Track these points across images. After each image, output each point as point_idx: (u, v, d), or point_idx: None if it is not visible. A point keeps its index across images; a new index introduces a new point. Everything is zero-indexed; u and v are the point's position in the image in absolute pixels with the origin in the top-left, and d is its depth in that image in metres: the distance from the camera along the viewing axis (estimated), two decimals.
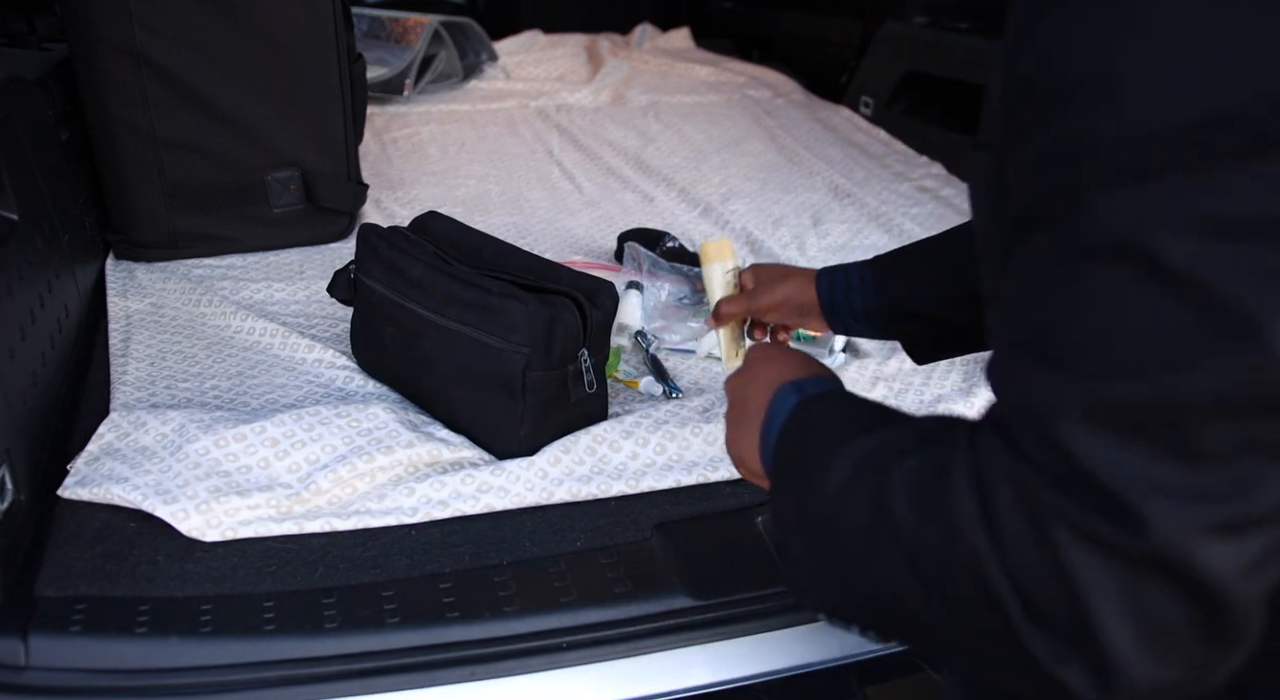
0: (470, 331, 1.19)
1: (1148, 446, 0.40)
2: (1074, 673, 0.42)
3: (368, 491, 1.14)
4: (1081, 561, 0.40)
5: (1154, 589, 0.40)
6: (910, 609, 0.48)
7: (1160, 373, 0.39)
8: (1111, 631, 0.40)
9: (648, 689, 0.97)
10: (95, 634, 0.93)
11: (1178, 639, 0.41)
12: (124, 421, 1.21)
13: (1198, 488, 0.39)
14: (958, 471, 0.46)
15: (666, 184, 2.24)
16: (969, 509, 0.44)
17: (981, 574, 0.43)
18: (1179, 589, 0.40)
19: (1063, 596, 0.41)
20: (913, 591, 0.47)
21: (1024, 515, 0.42)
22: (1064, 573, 0.41)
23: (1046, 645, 0.42)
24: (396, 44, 2.72)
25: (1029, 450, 0.43)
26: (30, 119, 1.46)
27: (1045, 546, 0.41)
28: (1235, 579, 0.40)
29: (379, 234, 1.34)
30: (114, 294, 1.61)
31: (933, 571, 0.46)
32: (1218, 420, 0.39)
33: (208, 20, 1.66)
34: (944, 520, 0.45)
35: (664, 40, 3.51)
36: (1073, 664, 0.42)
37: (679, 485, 1.19)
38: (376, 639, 0.96)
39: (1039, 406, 0.43)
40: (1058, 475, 0.42)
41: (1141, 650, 0.40)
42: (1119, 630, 0.40)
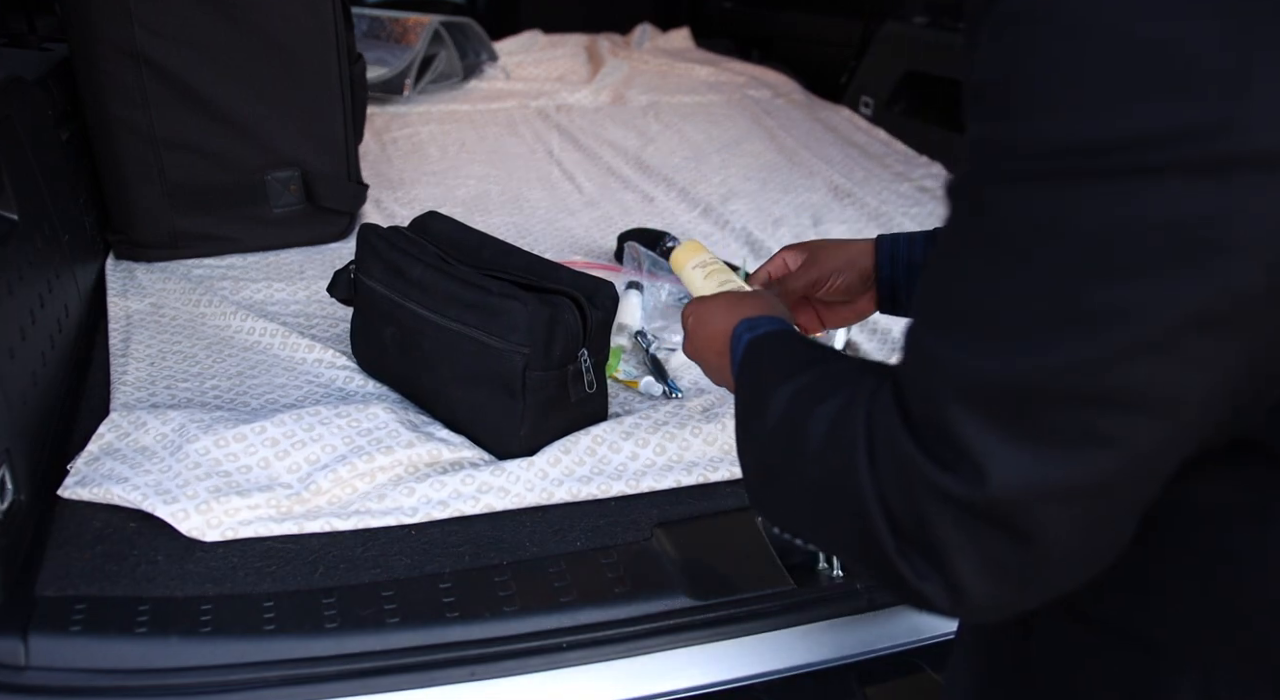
0: (470, 331, 1.19)
1: (993, 418, 0.47)
2: (931, 589, 0.51)
3: (368, 491, 1.14)
4: (935, 509, 0.49)
5: (991, 535, 0.48)
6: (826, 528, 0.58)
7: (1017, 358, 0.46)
8: (957, 563, 0.49)
9: (648, 689, 0.97)
10: (95, 634, 0.93)
11: (1009, 573, 0.49)
12: (124, 421, 1.21)
13: (1034, 460, 0.46)
14: (857, 413, 0.54)
15: (666, 184, 2.24)
16: (860, 453, 0.53)
17: (866, 508, 0.52)
18: (1010, 538, 0.48)
19: (920, 529, 0.50)
20: (824, 515, 0.57)
21: (895, 458, 0.50)
22: (922, 515, 0.49)
23: (911, 568, 0.51)
24: (396, 44, 2.72)
25: (910, 404, 0.51)
26: (30, 119, 1.46)
27: (910, 493, 0.50)
28: (1057, 534, 0.47)
29: (379, 234, 1.34)
30: (114, 294, 1.61)
31: (836, 501, 0.55)
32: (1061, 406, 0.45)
33: (208, 20, 1.66)
34: (843, 460, 0.54)
35: (664, 40, 3.51)
36: (930, 582, 0.50)
37: (679, 485, 1.19)
38: (376, 639, 0.96)
39: (922, 369, 0.51)
40: (924, 429, 0.49)
41: (980, 578, 0.49)
42: (963, 563, 0.49)
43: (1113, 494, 0.48)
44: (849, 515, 0.53)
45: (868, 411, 0.53)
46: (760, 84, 3.11)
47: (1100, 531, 0.49)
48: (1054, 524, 0.47)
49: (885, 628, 1.04)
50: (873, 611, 1.04)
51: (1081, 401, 0.45)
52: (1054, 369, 0.45)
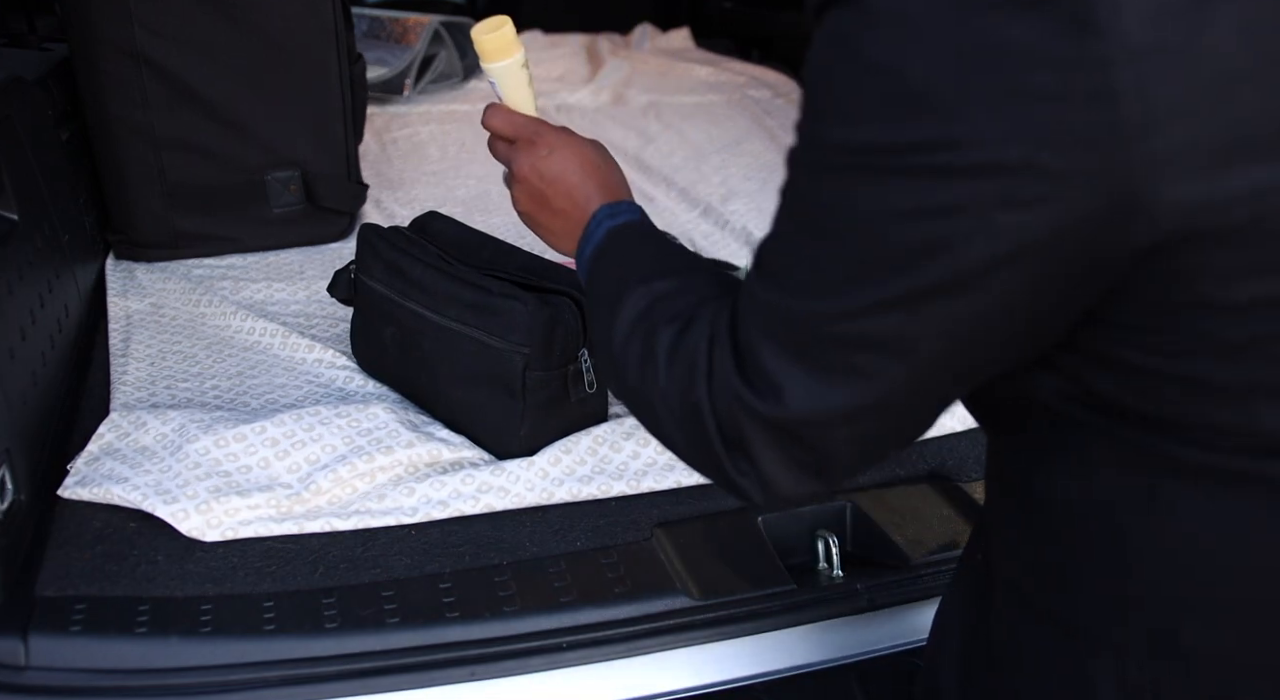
0: (470, 331, 1.19)
1: (786, 351, 0.58)
2: (748, 482, 0.63)
3: (368, 491, 1.14)
4: (745, 419, 0.60)
5: (787, 442, 0.60)
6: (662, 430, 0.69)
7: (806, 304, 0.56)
8: (765, 463, 0.61)
9: (648, 689, 0.97)
10: (95, 634, 0.93)
11: (805, 469, 0.61)
12: (124, 421, 1.21)
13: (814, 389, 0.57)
14: (700, 335, 0.64)
15: (666, 184, 2.24)
16: (700, 364, 0.63)
17: (700, 414, 0.63)
18: (803, 445, 0.60)
19: (739, 437, 0.61)
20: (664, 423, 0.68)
21: (723, 384, 0.61)
22: (738, 423, 0.61)
23: (733, 465, 0.63)
24: (396, 44, 2.72)
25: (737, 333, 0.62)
26: (30, 119, 1.46)
27: (731, 408, 0.61)
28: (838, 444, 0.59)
29: (379, 234, 1.34)
30: (114, 294, 1.61)
31: (675, 412, 0.65)
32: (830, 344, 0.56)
33: (208, 20, 1.66)
34: (683, 369, 0.64)
35: (664, 40, 3.50)
36: (747, 477, 0.62)
37: (680, 486, 1.19)
38: (376, 639, 0.96)
39: (746, 306, 0.61)
40: (742, 356, 0.61)
41: (783, 473, 0.61)
42: (770, 463, 0.61)
43: (879, 416, 0.58)
44: (688, 420, 0.64)
45: (710, 337, 0.64)
46: (760, 84, 3.11)
47: (875, 443, 0.61)
48: (834, 437, 0.59)
49: (885, 628, 1.04)
50: (873, 611, 1.04)
51: (848, 343, 0.55)
52: (829, 316, 0.55)
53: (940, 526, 1.13)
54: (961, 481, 1.21)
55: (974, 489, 1.19)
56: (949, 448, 1.26)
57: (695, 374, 0.63)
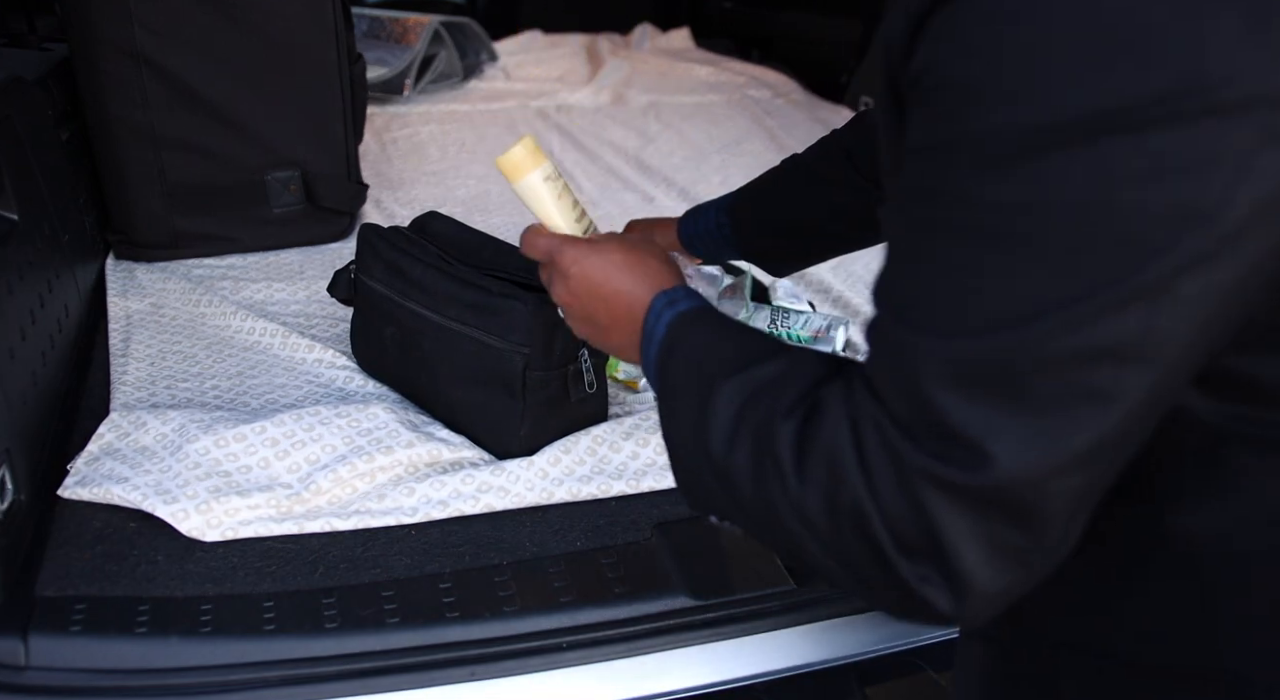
0: (470, 331, 1.19)
1: (988, 399, 0.47)
2: (934, 591, 0.50)
3: (368, 491, 1.14)
4: (935, 501, 0.48)
5: (994, 520, 0.48)
6: (799, 546, 0.56)
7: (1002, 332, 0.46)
8: (963, 555, 0.49)
9: (648, 689, 0.97)
10: (95, 634, 0.93)
11: (1013, 556, 0.49)
12: (124, 421, 1.21)
13: (1036, 432, 0.46)
14: (836, 421, 0.53)
15: (666, 184, 2.24)
16: (848, 455, 0.51)
17: (861, 513, 0.50)
18: (1014, 519, 0.48)
19: (923, 530, 0.49)
20: (801, 536, 0.55)
21: (889, 461, 0.49)
22: (923, 510, 0.48)
23: (913, 570, 0.50)
24: (396, 44, 2.72)
25: (892, 403, 0.50)
26: (30, 119, 1.46)
27: (907, 489, 0.49)
28: (1059, 507, 0.48)
29: (379, 234, 1.34)
30: (114, 294, 1.61)
31: (819, 521, 0.53)
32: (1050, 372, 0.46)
33: (208, 20, 1.66)
34: (826, 467, 0.52)
35: (664, 40, 3.50)
36: (932, 584, 0.50)
37: None
38: (376, 639, 0.96)
39: (900, 365, 0.50)
40: (914, 425, 0.49)
41: (985, 568, 0.49)
42: (969, 554, 0.49)
43: (1110, 455, 0.48)
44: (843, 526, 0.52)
45: (850, 420, 0.52)
46: (760, 84, 3.11)
47: (1092, 497, 0.50)
48: (1058, 496, 0.48)
49: (885, 628, 1.04)
50: (873, 611, 1.04)
51: (1074, 362, 0.45)
52: (1040, 337, 0.45)
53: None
54: None
55: None
56: None
57: (844, 469, 0.51)
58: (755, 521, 0.59)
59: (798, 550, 0.56)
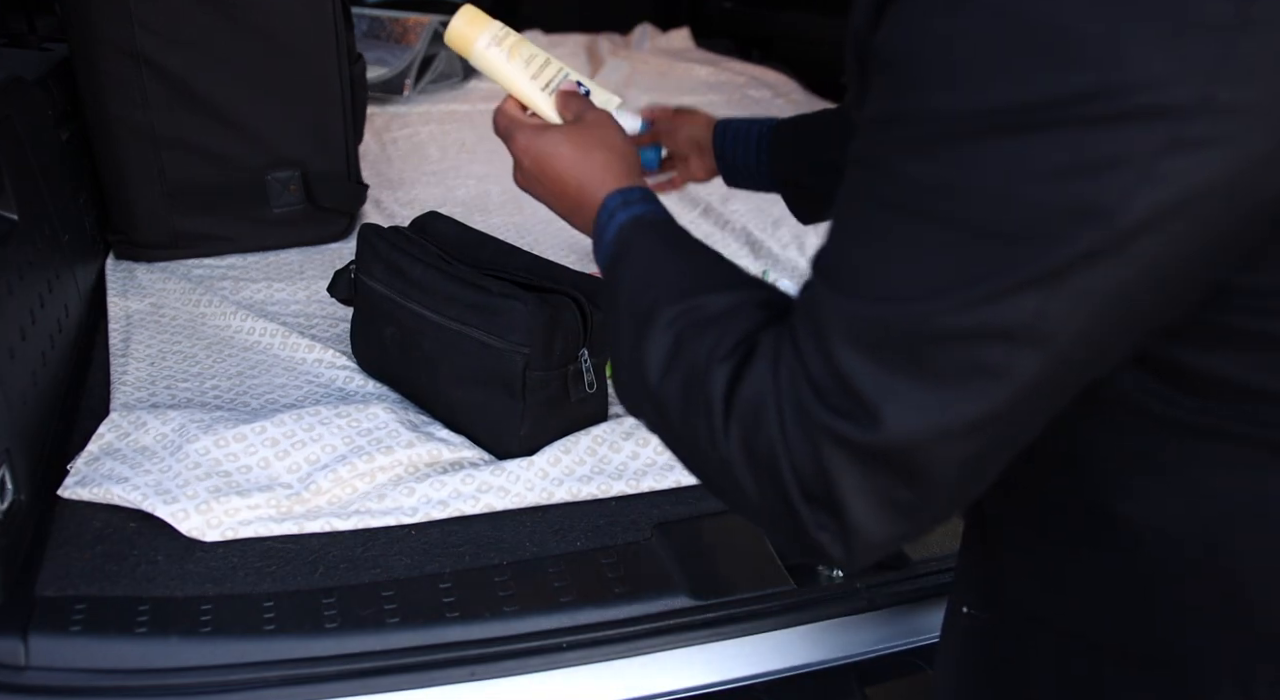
0: (471, 331, 1.19)
1: (885, 363, 0.49)
2: (828, 537, 0.53)
3: (368, 491, 1.14)
4: (832, 454, 0.51)
5: (883, 476, 0.51)
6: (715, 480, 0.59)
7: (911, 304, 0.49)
8: (855, 507, 0.52)
9: (648, 689, 0.97)
10: (95, 634, 0.93)
11: (902, 511, 0.52)
12: (124, 421, 1.21)
13: (926, 399, 0.49)
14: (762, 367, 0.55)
15: None
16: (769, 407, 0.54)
17: (775, 462, 0.53)
18: (902, 477, 0.51)
19: (822, 481, 0.52)
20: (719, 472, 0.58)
21: (799, 412, 0.52)
22: (822, 462, 0.51)
23: (813, 517, 0.53)
24: (396, 44, 2.72)
25: (806, 356, 0.53)
26: (30, 119, 1.46)
27: (811, 440, 0.52)
28: (946, 470, 0.51)
29: (379, 234, 1.34)
30: (114, 294, 1.61)
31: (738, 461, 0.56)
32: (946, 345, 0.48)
33: (208, 20, 1.66)
34: (750, 410, 0.55)
35: (664, 40, 3.50)
36: (828, 531, 0.53)
37: (679, 485, 1.19)
38: (376, 639, 0.96)
39: (816, 321, 0.53)
40: (821, 380, 0.52)
41: (872, 520, 0.52)
42: (860, 507, 0.52)
43: (1000, 427, 0.51)
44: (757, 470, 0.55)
45: (774, 372, 0.55)
46: (760, 84, 3.11)
47: (985, 463, 0.53)
48: (945, 459, 0.51)
49: (885, 628, 1.04)
50: (873, 611, 1.04)
51: (970, 338, 0.48)
52: (943, 310, 0.48)
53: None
54: None
55: None
56: None
57: (763, 417, 0.54)
58: (681, 448, 0.62)
59: (714, 484, 0.60)
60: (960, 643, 0.75)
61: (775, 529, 0.57)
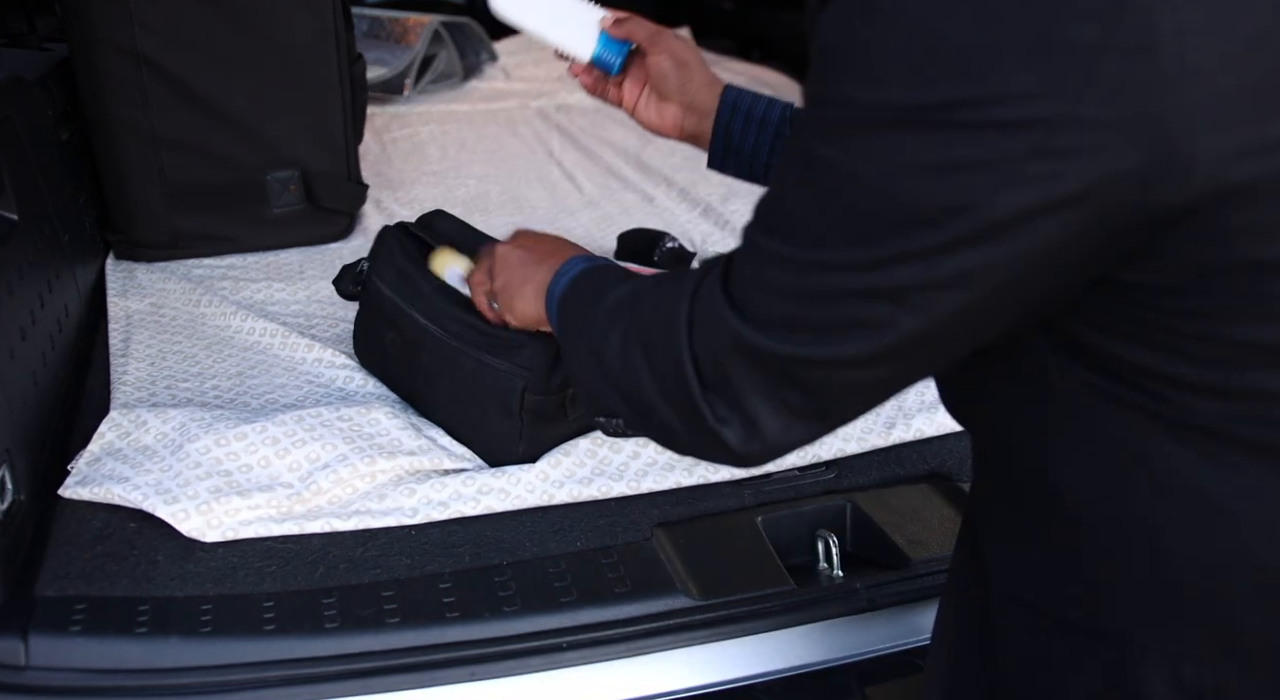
0: (470, 349, 1.18)
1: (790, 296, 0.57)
2: (729, 430, 0.62)
3: (368, 492, 1.14)
4: (739, 360, 0.60)
5: (782, 385, 0.59)
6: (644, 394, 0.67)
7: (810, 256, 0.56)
8: (752, 403, 0.60)
9: (648, 689, 0.97)
10: (95, 634, 0.93)
11: (797, 416, 0.61)
12: (124, 420, 1.21)
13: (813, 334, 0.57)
14: (685, 287, 0.65)
15: (666, 184, 2.23)
16: (681, 316, 0.64)
17: (679, 358, 0.63)
18: (801, 390, 0.59)
19: (724, 381, 0.61)
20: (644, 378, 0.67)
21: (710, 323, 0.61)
22: (727, 366, 0.60)
23: (712, 411, 0.62)
24: (396, 44, 2.72)
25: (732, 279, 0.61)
26: (30, 119, 1.46)
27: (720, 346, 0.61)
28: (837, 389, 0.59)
29: (397, 237, 1.33)
30: (114, 294, 1.61)
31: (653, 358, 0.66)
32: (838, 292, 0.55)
33: (208, 20, 1.66)
34: (664, 319, 0.65)
35: None
36: (729, 424, 0.61)
37: (679, 486, 1.19)
38: (376, 639, 0.96)
39: (745, 252, 0.61)
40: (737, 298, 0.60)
41: (771, 417, 0.60)
42: (756, 403, 0.60)
43: (885, 366, 0.58)
44: (664, 371, 0.64)
45: (695, 284, 0.64)
46: (760, 84, 3.11)
47: (879, 388, 0.61)
48: (829, 382, 0.58)
49: (885, 628, 1.04)
50: (873, 611, 1.04)
51: (858, 294, 0.55)
52: (839, 266, 0.55)
53: (940, 526, 1.13)
54: (961, 481, 1.21)
55: None
56: (949, 448, 1.26)
57: (675, 319, 0.64)
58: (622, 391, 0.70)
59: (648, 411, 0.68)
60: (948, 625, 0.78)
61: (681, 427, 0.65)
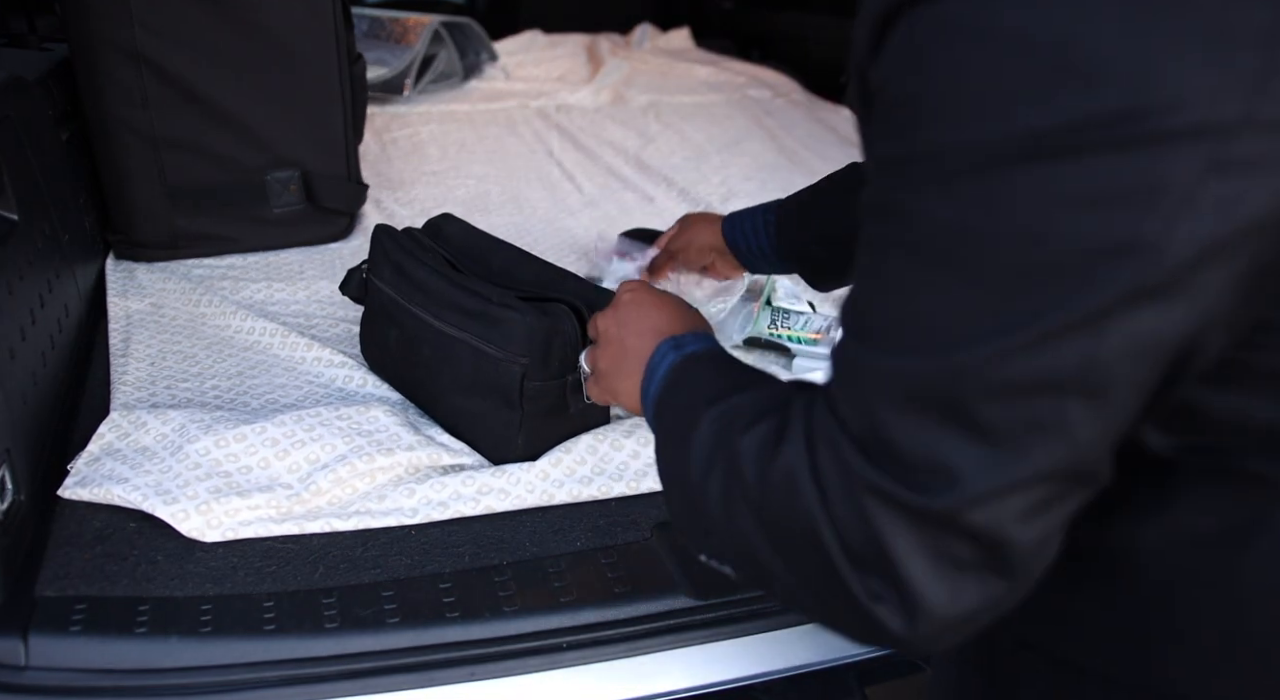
0: (469, 339, 1.19)
1: (935, 421, 0.46)
2: (886, 610, 0.49)
3: (368, 492, 1.14)
4: (885, 518, 0.48)
5: (948, 542, 0.47)
6: (760, 559, 0.56)
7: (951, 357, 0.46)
8: (913, 576, 0.48)
9: (648, 689, 0.97)
10: (95, 634, 0.93)
11: (969, 580, 0.48)
12: (124, 421, 1.21)
13: (979, 457, 0.46)
14: (795, 436, 0.53)
15: (666, 184, 2.24)
16: (802, 468, 0.51)
17: (813, 524, 0.51)
18: (968, 540, 0.47)
19: (873, 546, 0.48)
20: (761, 543, 0.55)
21: (841, 475, 0.50)
22: (871, 527, 0.48)
23: (863, 587, 0.50)
24: (396, 44, 2.72)
25: (847, 419, 0.50)
26: (30, 119, 1.46)
27: (856, 504, 0.49)
28: (1014, 530, 0.47)
29: (390, 235, 1.33)
30: (114, 294, 1.61)
31: (775, 525, 0.54)
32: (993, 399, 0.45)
33: (208, 20, 1.66)
34: (782, 479, 0.53)
35: (664, 40, 3.50)
36: (885, 602, 0.49)
37: None
38: (376, 639, 0.96)
39: (854, 380, 0.50)
40: (866, 442, 0.49)
41: (938, 590, 0.48)
42: (919, 575, 0.48)
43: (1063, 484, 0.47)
44: (799, 540, 0.52)
45: (806, 431, 0.52)
46: (760, 84, 3.11)
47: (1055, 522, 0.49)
48: (1008, 515, 0.47)
49: None
50: None
51: (1017, 391, 0.45)
52: (987, 361, 0.45)
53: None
54: None
55: None
56: None
57: (799, 482, 0.52)
58: (730, 547, 0.59)
59: (766, 575, 0.57)
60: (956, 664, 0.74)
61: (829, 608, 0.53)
